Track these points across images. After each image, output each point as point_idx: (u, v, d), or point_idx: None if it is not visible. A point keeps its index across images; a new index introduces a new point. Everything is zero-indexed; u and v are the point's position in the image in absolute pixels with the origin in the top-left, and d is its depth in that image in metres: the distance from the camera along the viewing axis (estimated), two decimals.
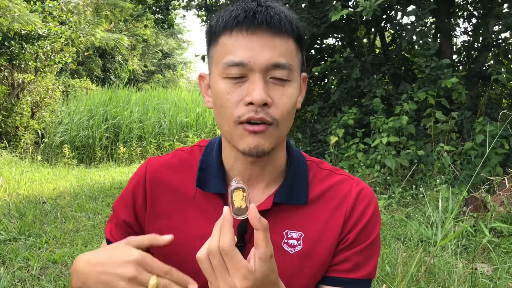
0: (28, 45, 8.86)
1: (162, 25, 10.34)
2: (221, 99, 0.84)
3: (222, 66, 0.83)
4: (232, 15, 0.83)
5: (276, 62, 0.82)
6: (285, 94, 0.84)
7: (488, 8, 6.52)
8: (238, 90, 0.83)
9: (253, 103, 0.80)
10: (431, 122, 5.42)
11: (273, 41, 0.82)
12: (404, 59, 7.04)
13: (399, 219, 4.38)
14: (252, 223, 0.70)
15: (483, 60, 6.62)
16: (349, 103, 6.72)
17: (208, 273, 0.72)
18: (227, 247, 0.69)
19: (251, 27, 0.81)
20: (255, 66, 0.81)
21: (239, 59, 0.81)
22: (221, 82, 0.84)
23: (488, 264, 3.36)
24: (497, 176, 4.45)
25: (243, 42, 0.82)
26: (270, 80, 0.83)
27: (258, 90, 0.80)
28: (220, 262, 0.70)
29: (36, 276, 3.15)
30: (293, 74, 0.85)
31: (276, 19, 0.82)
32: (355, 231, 0.92)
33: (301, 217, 0.93)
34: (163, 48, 23.63)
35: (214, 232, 0.72)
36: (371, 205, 0.95)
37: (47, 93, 10.41)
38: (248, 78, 0.82)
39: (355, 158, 5.78)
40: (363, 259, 0.92)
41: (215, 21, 0.87)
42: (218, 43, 0.85)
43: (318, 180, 0.97)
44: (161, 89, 16.07)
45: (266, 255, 0.70)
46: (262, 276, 0.71)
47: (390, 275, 3.05)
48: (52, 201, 5.28)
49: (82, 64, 15.66)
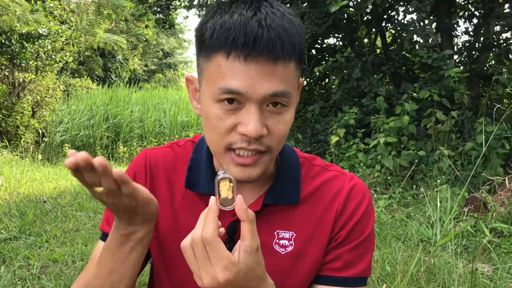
0: (29, 44, 8.87)
1: (163, 25, 10.34)
2: (212, 124, 0.79)
3: (216, 91, 0.76)
4: (229, 37, 0.73)
5: (275, 91, 0.75)
6: (281, 121, 0.79)
7: (489, 8, 6.52)
8: (231, 117, 0.77)
9: (247, 135, 0.76)
10: (431, 122, 5.42)
11: (274, 68, 0.75)
12: (404, 59, 7.04)
13: (400, 219, 4.37)
14: (238, 214, 0.69)
15: (484, 60, 6.62)
16: (350, 103, 6.71)
17: (191, 262, 0.71)
18: (209, 237, 0.68)
19: (251, 54, 0.73)
20: (252, 96, 0.75)
21: (234, 87, 0.74)
22: (213, 106, 0.78)
23: (488, 264, 3.36)
24: (498, 176, 4.45)
25: (241, 70, 0.74)
26: (267, 107, 0.78)
27: (254, 123, 0.75)
28: (203, 252, 0.69)
29: (37, 275, 3.15)
30: (291, 100, 0.79)
31: (279, 45, 0.74)
32: (347, 228, 0.90)
33: (292, 217, 0.91)
34: (164, 47, 23.63)
35: (199, 222, 0.71)
36: (364, 201, 0.92)
37: (47, 92, 10.41)
38: (244, 105, 0.76)
39: (355, 158, 5.78)
40: (355, 257, 0.90)
41: (209, 33, 0.77)
42: (211, 60, 0.77)
43: (310, 177, 0.95)
44: (162, 89, 16.08)
45: (251, 248, 0.69)
46: (246, 269, 0.69)
47: (390, 274, 3.05)
48: (52, 200, 5.29)
49: (83, 63, 15.67)
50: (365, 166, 5.54)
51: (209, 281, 0.68)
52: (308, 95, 7.84)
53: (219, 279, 0.68)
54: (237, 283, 0.69)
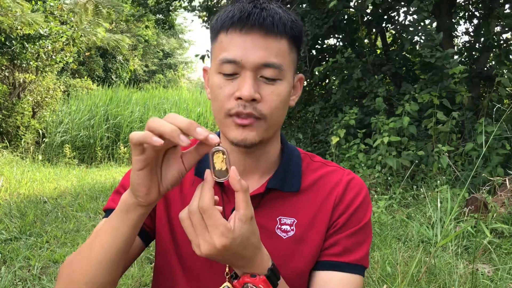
0: (29, 44, 8.87)
1: (162, 26, 10.35)
2: (215, 93, 0.90)
3: (217, 62, 0.88)
4: (229, 15, 0.88)
5: (267, 61, 0.86)
6: (274, 92, 0.88)
7: (489, 8, 6.52)
8: (229, 85, 0.88)
9: (242, 98, 0.85)
10: (432, 122, 5.42)
11: (266, 41, 0.87)
12: (405, 60, 7.04)
13: (400, 219, 4.37)
14: (232, 184, 0.71)
15: (484, 60, 6.62)
16: (350, 103, 6.71)
17: (189, 232, 0.73)
18: (206, 205, 0.70)
19: (245, 27, 0.86)
20: (247, 64, 0.86)
21: (232, 56, 0.86)
22: (215, 77, 0.90)
23: (488, 264, 3.36)
24: (498, 177, 4.45)
25: (237, 41, 0.87)
26: (261, 78, 0.88)
27: (247, 86, 0.85)
28: (200, 221, 0.71)
29: (37, 275, 3.16)
30: (283, 73, 0.89)
31: (269, 20, 0.86)
32: (345, 216, 0.96)
33: (294, 204, 0.98)
34: (164, 48, 23.63)
35: (195, 194, 0.73)
36: (361, 193, 0.99)
37: (48, 92, 10.42)
38: (240, 75, 0.87)
39: (356, 158, 5.78)
40: (353, 244, 0.95)
41: (215, 20, 0.92)
42: (216, 41, 0.91)
43: (310, 171, 1.02)
44: (162, 89, 16.08)
45: (246, 216, 0.72)
46: (241, 236, 0.72)
47: (391, 275, 3.05)
48: (53, 200, 5.29)
49: (83, 64, 15.68)
50: (366, 166, 5.54)
51: (207, 247, 0.71)
52: (308, 95, 7.85)
53: (216, 245, 0.70)
54: (233, 250, 0.72)
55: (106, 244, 0.81)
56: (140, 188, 0.74)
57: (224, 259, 0.74)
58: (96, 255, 0.82)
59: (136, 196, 0.76)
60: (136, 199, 0.76)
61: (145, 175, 0.73)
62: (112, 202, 1.01)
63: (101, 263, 0.82)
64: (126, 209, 0.78)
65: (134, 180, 0.74)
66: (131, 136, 0.70)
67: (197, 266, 0.97)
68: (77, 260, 0.86)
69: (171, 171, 0.76)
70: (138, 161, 0.72)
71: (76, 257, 0.86)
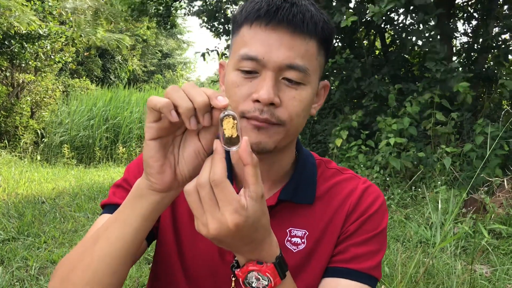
0: (28, 44, 8.86)
1: (164, 26, 10.34)
2: (230, 91, 0.82)
3: (236, 58, 0.81)
4: (255, 7, 0.80)
5: (291, 63, 0.78)
6: (296, 97, 0.81)
7: (488, 9, 6.53)
8: (247, 84, 0.80)
9: (260, 101, 0.78)
10: (431, 123, 5.42)
11: (293, 40, 0.78)
12: (404, 61, 7.05)
13: (398, 220, 4.37)
14: (242, 156, 0.63)
15: (483, 61, 6.63)
16: (349, 104, 6.72)
17: (195, 207, 0.63)
18: (218, 177, 0.61)
19: (272, 22, 0.78)
20: (269, 64, 0.78)
21: (253, 53, 0.78)
22: (233, 74, 0.82)
23: (487, 265, 3.36)
24: (497, 178, 4.45)
25: (261, 37, 0.79)
26: (283, 80, 0.80)
27: (266, 88, 0.77)
28: (210, 195, 0.62)
29: (35, 276, 3.14)
30: (308, 78, 0.81)
31: (299, 18, 0.78)
32: (357, 223, 0.90)
33: (306, 215, 0.91)
34: (162, 48, 23.63)
35: (204, 166, 0.64)
36: (377, 201, 0.93)
37: (46, 93, 10.41)
38: (260, 74, 0.79)
39: (355, 159, 5.78)
40: (363, 253, 0.89)
41: (239, 11, 0.84)
42: (238, 34, 0.83)
43: (324, 178, 0.96)
44: (161, 90, 16.07)
45: (257, 193, 0.63)
46: (254, 216, 0.63)
47: (389, 276, 3.05)
48: (51, 201, 5.28)
49: (81, 64, 15.66)
50: (365, 167, 5.54)
51: (216, 226, 0.62)
52: None
53: (228, 223, 0.61)
54: (244, 231, 0.64)
55: (113, 235, 0.72)
56: (152, 163, 0.66)
57: (232, 242, 0.65)
58: (100, 250, 0.73)
59: (149, 175, 0.68)
60: (149, 180, 0.68)
61: (157, 148, 0.66)
62: (113, 196, 0.93)
63: (105, 260, 0.72)
64: (138, 194, 0.70)
65: (146, 153, 0.67)
66: (150, 98, 0.63)
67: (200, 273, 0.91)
68: (78, 254, 0.76)
69: (188, 150, 0.68)
70: (151, 128, 0.64)
71: (77, 251, 0.77)
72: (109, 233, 0.73)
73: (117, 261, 0.73)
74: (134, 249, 0.74)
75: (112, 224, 0.73)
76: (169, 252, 0.94)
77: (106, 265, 0.73)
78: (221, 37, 9.02)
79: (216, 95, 0.63)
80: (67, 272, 0.75)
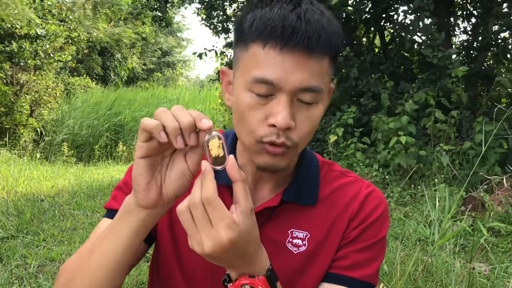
0: (26, 44, 8.85)
1: (160, 22, 10.33)
2: (244, 114, 0.80)
3: (249, 80, 0.78)
4: (268, 25, 0.76)
5: (307, 86, 0.77)
6: (309, 117, 0.81)
7: (488, 7, 6.52)
8: (262, 108, 0.78)
9: (276, 126, 0.77)
10: (430, 121, 5.42)
11: (307, 62, 0.76)
12: (403, 58, 7.04)
13: (397, 218, 4.38)
14: (231, 173, 0.66)
15: (482, 59, 6.62)
16: (348, 102, 6.72)
17: (188, 226, 0.66)
18: (210, 196, 0.64)
19: (287, 46, 0.75)
20: (285, 87, 0.76)
21: (269, 77, 0.76)
22: (246, 95, 0.79)
23: (485, 263, 3.36)
24: (496, 176, 4.45)
25: (276, 60, 0.76)
26: (297, 101, 0.79)
27: (283, 114, 0.76)
28: (203, 214, 0.64)
29: (34, 274, 3.15)
30: (321, 96, 0.81)
31: (315, 39, 0.75)
32: (359, 229, 0.91)
33: (308, 217, 0.92)
34: (162, 46, 23.60)
35: (195, 186, 0.67)
36: (379, 207, 0.93)
37: (46, 91, 10.40)
38: (275, 96, 0.78)
39: (353, 157, 5.78)
40: (363, 260, 0.90)
41: (248, 26, 0.79)
42: (247, 50, 0.79)
43: (327, 181, 0.96)
44: (162, 88, 16.06)
45: (246, 209, 0.66)
46: (246, 230, 0.66)
47: (388, 274, 3.05)
48: (50, 199, 5.28)
49: (81, 62, 15.65)
50: (363, 165, 5.54)
51: (211, 243, 0.64)
52: None
53: (222, 239, 0.64)
54: (238, 245, 0.66)
55: (106, 248, 0.77)
56: (140, 181, 0.70)
57: (226, 257, 0.67)
58: (95, 261, 0.78)
59: (136, 192, 0.71)
60: (136, 197, 0.72)
61: (146, 166, 0.70)
62: (113, 200, 0.95)
63: (100, 271, 0.78)
64: (127, 210, 0.75)
65: (135, 171, 0.71)
66: (143, 121, 0.67)
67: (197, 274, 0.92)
68: (77, 263, 0.82)
69: (174, 170, 0.72)
70: (141, 147, 0.69)
71: (76, 260, 0.83)
72: (102, 246, 0.78)
73: (111, 272, 0.78)
74: (128, 259, 0.79)
75: (105, 238, 0.78)
76: (166, 254, 0.95)
77: (102, 275, 0.78)
78: (220, 35, 8.99)
79: (201, 117, 0.67)
80: (67, 280, 0.82)
